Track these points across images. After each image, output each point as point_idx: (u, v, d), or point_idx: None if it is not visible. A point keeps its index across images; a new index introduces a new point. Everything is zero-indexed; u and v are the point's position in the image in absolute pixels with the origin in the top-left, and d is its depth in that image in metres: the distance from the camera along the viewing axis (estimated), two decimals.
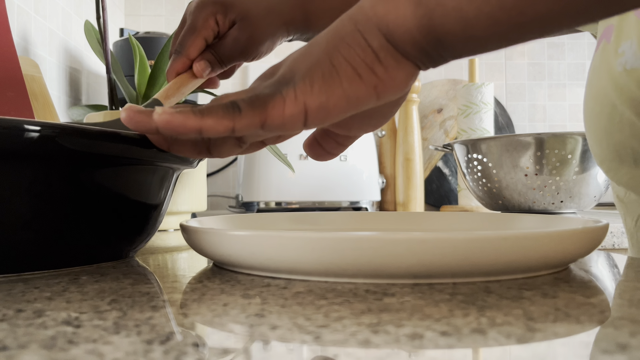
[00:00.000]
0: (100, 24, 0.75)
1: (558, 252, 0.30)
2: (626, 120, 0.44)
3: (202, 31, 0.44)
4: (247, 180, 1.11)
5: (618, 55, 0.44)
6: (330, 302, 0.25)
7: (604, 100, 0.46)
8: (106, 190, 0.35)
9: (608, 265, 0.37)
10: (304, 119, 0.29)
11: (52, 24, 0.94)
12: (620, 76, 0.44)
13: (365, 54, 0.29)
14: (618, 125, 0.45)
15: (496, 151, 0.91)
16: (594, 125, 0.48)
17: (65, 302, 0.25)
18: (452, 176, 1.43)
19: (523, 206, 0.93)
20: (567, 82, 1.54)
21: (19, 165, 0.30)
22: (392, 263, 0.27)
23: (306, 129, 0.30)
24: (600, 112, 0.47)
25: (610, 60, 0.45)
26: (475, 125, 1.21)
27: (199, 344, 0.19)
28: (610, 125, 0.46)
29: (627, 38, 0.44)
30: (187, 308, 0.25)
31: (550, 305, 0.24)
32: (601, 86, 0.46)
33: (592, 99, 0.48)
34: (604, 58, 0.47)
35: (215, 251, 0.32)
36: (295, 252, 0.28)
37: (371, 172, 1.15)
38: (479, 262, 0.28)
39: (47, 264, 0.34)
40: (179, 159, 0.38)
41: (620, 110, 0.44)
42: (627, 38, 0.44)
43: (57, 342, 0.19)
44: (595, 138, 0.49)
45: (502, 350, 0.18)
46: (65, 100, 1.00)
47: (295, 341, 0.19)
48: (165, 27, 1.42)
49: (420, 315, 0.22)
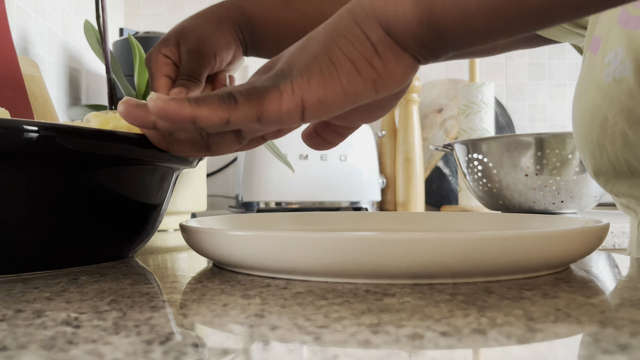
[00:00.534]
0: (100, 23, 0.75)
1: (558, 253, 0.30)
2: (618, 131, 0.43)
3: (158, 72, 0.47)
4: (247, 180, 1.11)
5: (605, 65, 0.44)
6: (330, 303, 0.24)
7: (595, 112, 0.45)
8: (106, 191, 0.35)
9: (609, 266, 0.37)
10: (302, 114, 0.29)
11: (52, 23, 0.94)
12: (609, 87, 0.43)
13: (364, 48, 0.29)
14: (610, 137, 0.44)
15: (496, 151, 0.91)
16: (586, 138, 0.48)
17: (65, 303, 0.25)
18: (452, 176, 1.43)
19: (523, 206, 0.93)
20: (567, 81, 1.54)
21: (18, 166, 0.30)
22: (392, 263, 0.27)
23: (304, 123, 0.30)
24: (592, 124, 0.46)
25: (598, 72, 0.45)
26: (476, 125, 1.21)
27: (198, 344, 0.19)
28: (603, 137, 0.45)
29: (612, 48, 0.43)
30: (186, 308, 0.25)
31: (551, 306, 0.24)
32: (590, 98, 0.46)
33: (581, 111, 0.48)
34: (591, 70, 0.46)
35: (215, 251, 0.32)
36: (295, 252, 0.28)
37: (371, 172, 1.15)
38: (479, 262, 0.28)
39: (47, 264, 0.34)
40: (178, 159, 0.38)
41: (612, 122, 0.44)
42: (612, 48, 0.43)
43: (56, 343, 0.19)
44: (588, 150, 0.48)
45: (502, 351, 0.18)
46: (64, 100, 1.00)
47: (295, 341, 0.19)
48: (165, 27, 1.42)
49: (420, 316, 0.22)
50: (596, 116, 0.45)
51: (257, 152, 1.09)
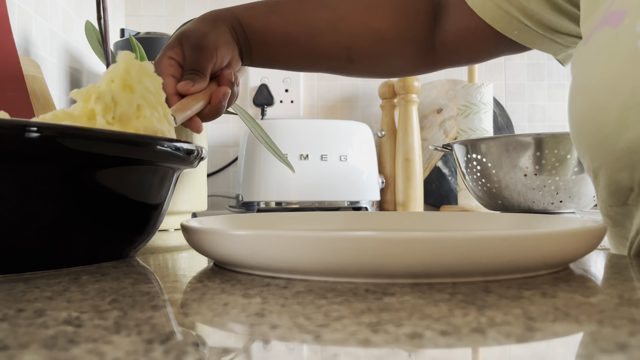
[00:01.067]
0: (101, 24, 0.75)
1: (557, 252, 0.30)
2: None
3: (164, 73, 0.51)
4: (247, 180, 1.11)
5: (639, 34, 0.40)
6: (330, 302, 0.25)
7: (615, 91, 0.41)
8: (107, 190, 0.35)
9: (607, 265, 0.38)
10: None
11: (53, 24, 0.94)
12: None
13: None
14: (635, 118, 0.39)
15: (495, 151, 0.91)
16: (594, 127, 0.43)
17: (66, 302, 0.25)
18: (451, 176, 1.44)
19: (522, 206, 0.93)
20: (566, 82, 1.54)
21: (19, 166, 0.30)
22: (392, 263, 0.27)
23: None
24: (607, 108, 0.41)
25: (628, 43, 0.41)
26: (475, 126, 1.21)
27: (199, 343, 0.19)
28: (624, 119, 0.40)
29: None
30: (187, 307, 0.25)
31: (550, 305, 0.24)
32: (610, 76, 0.41)
33: (590, 96, 0.43)
34: (614, 44, 0.42)
35: (216, 251, 0.32)
36: (295, 252, 0.28)
37: (371, 172, 1.15)
38: (479, 261, 0.28)
39: (48, 264, 0.34)
40: (179, 159, 0.38)
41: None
42: None
43: (57, 342, 0.19)
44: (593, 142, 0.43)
45: (501, 350, 0.19)
46: (66, 100, 1.00)
47: (295, 340, 0.19)
48: (166, 28, 1.43)
49: (419, 315, 0.22)
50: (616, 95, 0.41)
51: (258, 153, 1.09)
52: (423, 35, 0.60)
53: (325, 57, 0.60)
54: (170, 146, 0.36)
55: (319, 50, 0.60)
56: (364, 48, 0.60)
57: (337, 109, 1.48)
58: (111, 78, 0.36)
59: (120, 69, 0.37)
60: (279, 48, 0.59)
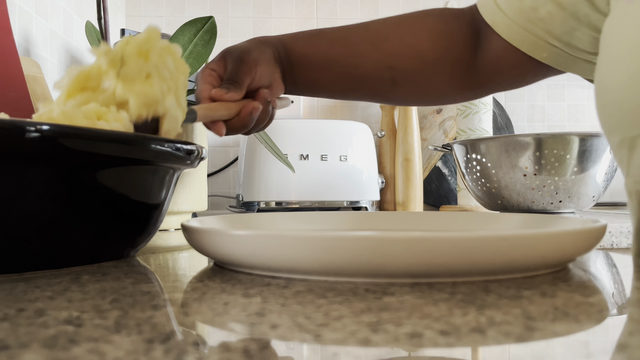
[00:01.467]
0: (102, 24, 0.75)
1: (557, 252, 0.30)
2: None
3: (202, 81, 0.52)
4: (248, 180, 1.11)
5: None
6: (330, 301, 0.25)
7: None
8: (107, 190, 0.35)
9: (606, 265, 0.38)
10: None
11: (54, 24, 0.94)
12: None
13: None
14: None
15: (495, 151, 0.91)
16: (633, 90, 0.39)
17: (67, 302, 0.25)
18: (451, 176, 1.44)
19: (522, 206, 0.93)
20: (565, 82, 1.54)
21: (20, 166, 0.30)
22: (392, 262, 0.27)
23: None
24: None
25: None
26: (475, 126, 1.21)
27: (199, 342, 0.19)
28: None
29: None
30: (187, 307, 0.25)
31: (549, 305, 0.24)
32: None
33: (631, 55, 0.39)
34: None
35: (216, 250, 0.32)
36: (295, 252, 0.29)
37: (371, 172, 1.15)
38: (478, 261, 0.28)
39: (49, 264, 0.34)
40: (179, 159, 0.38)
41: None
42: None
43: (58, 341, 0.19)
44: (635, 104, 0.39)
45: (501, 349, 0.19)
46: None
47: (295, 340, 0.19)
48: (166, 28, 1.43)
49: (419, 314, 0.22)
50: None
51: (258, 153, 1.09)
52: (465, 57, 0.59)
53: (368, 79, 0.59)
54: (170, 146, 0.36)
55: (361, 72, 0.59)
56: (407, 67, 0.59)
57: (337, 109, 1.48)
58: (128, 41, 0.37)
59: (141, 36, 0.37)
60: (320, 70, 0.59)
